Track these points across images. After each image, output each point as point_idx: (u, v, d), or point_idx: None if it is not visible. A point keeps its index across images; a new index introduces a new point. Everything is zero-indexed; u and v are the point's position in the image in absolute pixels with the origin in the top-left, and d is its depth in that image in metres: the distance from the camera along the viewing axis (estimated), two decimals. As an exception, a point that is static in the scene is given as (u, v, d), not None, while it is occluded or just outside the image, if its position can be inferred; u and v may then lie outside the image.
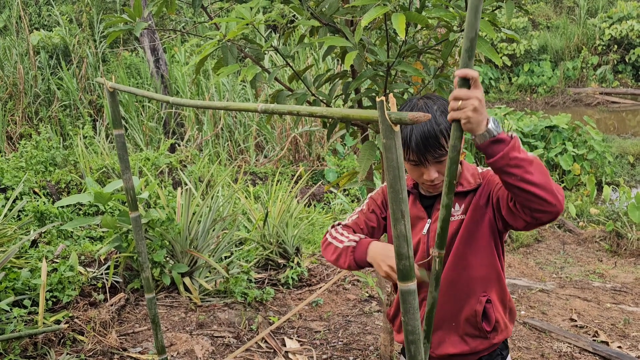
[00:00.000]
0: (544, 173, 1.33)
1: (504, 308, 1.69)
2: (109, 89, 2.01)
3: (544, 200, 1.32)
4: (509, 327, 1.70)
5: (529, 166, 1.29)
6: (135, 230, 2.18)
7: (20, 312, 2.85)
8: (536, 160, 1.32)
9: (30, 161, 5.68)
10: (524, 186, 1.30)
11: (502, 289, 1.67)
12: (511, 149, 1.28)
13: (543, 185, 1.31)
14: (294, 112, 1.24)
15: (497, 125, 1.28)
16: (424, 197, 1.69)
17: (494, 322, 1.65)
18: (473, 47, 1.14)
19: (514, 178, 1.30)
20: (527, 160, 1.30)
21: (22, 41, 10.23)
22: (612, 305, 4.57)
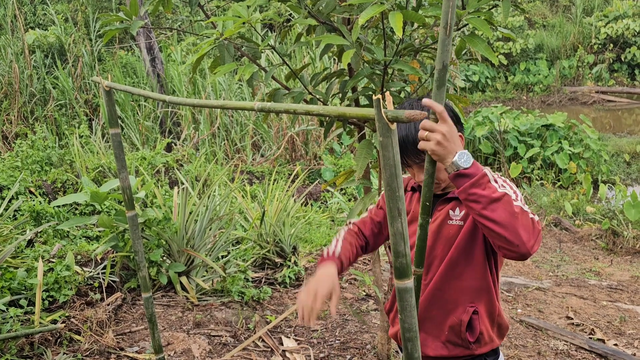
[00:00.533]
0: (510, 212, 1.34)
1: (491, 322, 1.68)
2: (105, 88, 2.01)
3: (504, 239, 1.34)
4: (495, 341, 1.69)
5: (489, 204, 1.33)
6: (131, 229, 2.18)
7: (17, 311, 2.84)
8: (505, 199, 1.34)
9: (26, 161, 5.66)
10: (482, 221, 1.35)
11: (492, 303, 1.66)
12: (472, 185, 1.33)
13: (504, 224, 1.33)
14: (291, 111, 1.24)
15: (465, 159, 1.31)
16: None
17: (478, 333, 1.65)
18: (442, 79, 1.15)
19: (474, 212, 1.36)
20: (488, 198, 1.33)
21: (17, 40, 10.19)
22: (608, 303, 4.58)
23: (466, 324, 1.63)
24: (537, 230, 1.39)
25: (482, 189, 1.34)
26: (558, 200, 8.33)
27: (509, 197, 1.35)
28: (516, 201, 1.39)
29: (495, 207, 1.33)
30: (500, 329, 1.72)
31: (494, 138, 10.22)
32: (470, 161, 1.33)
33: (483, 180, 1.34)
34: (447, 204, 1.64)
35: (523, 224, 1.35)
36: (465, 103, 2.64)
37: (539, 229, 1.40)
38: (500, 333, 1.73)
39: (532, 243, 1.37)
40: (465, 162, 1.32)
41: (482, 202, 1.34)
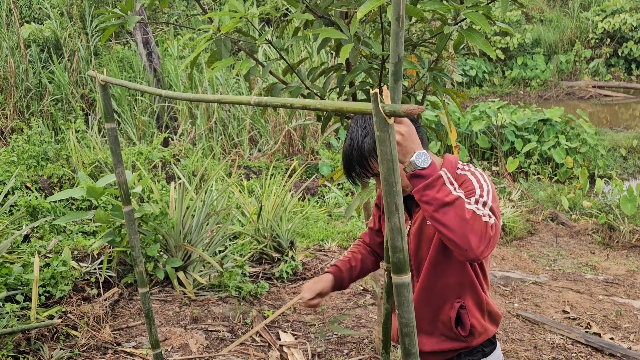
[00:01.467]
0: (461, 217, 1.36)
1: (482, 313, 1.70)
2: (100, 83, 1.99)
3: (453, 242, 1.38)
4: (489, 330, 1.71)
5: (441, 207, 1.35)
6: (128, 224, 2.17)
7: (13, 307, 2.83)
8: (457, 203, 1.36)
9: (22, 156, 5.63)
10: (433, 223, 1.39)
11: (478, 294, 1.68)
12: (426, 186, 1.36)
13: (453, 229, 1.36)
14: (288, 105, 1.23)
15: (423, 159, 1.35)
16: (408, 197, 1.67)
17: (469, 327, 1.67)
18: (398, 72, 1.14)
19: (426, 213, 1.39)
20: (440, 201, 1.35)
21: (12, 34, 10.13)
22: (605, 297, 4.60)
23: (454, 319, 1.66)
24: (488, 235, 1.40)
25: (435, 191, 1.36)
26: (555, 194, 8.35)
27: (461, 202, 1.37)
28: (470, 205, 1.40)
29: (446, 210, 1.35)
30: (492, 317, 1.73)
31: (491, 133, 10.22)
32: (428, 162, 1.36)
33: (437, 183, 1.36)
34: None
35: (473, 229, 1.37)
36: (463, 98, 2.64)
37: (491, 235, 1.41)
38: (493, 320, 1.74)
39: (481, 249, 1.39)
40: (423, 163, 1.35)
41: (434, 204, 1.36)
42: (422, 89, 2.63)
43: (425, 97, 2.68)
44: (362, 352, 3.23)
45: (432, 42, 2.42)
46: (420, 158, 1.35)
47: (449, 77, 2.45)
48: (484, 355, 1.74)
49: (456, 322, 1.67)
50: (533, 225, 7.25)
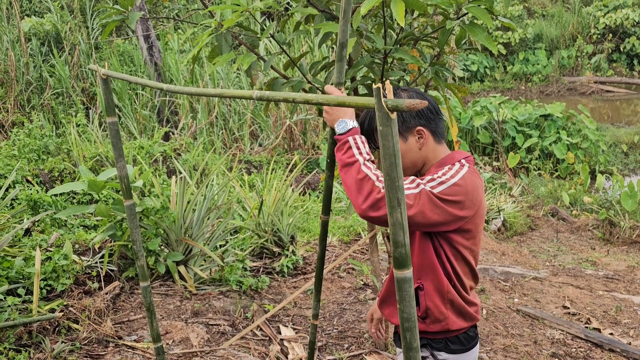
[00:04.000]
0: (354, 177, 1.51)
1: (442, 299, 1.70)
2: (102, 76, 1.99)
3: (350, 198, 1.53)
4: (449, 319, 1.70)
5: (343, 166, 1.54)
6: (129, 218, 2.17)
7: (15, 300, 2.84)
8: (355, 165, 1.52)
9: (23, 149, 5.63)
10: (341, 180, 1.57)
11: (439, 279, 1.68)
12: (337, 149, 1.57)
13: (348, 186, 1.53)
14: (290, 99, 1.23)
15: (342, 126, 1.57)
16: None
17: (425, 309, 1.70)
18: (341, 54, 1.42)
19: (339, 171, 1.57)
20: (343, 161, 1.54)
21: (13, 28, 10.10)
22: (605, 293, 4.61)
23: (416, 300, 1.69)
24: (372, 197, 1.49)
25: (341, 153, 1.56)
26: (555, 190, 8.35)
27: (358, 165, 1.53)
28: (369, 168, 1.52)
29: (346, 170, 1.54)
30: (456, 308, 1.71)
31: (492, 128, 10.21)
32: (346, 128, 1.55)
33: (344, 146, 1.55)
34: None
35: (361, 189, 1.51)
36: (465, 92, 2.63)
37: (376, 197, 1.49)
38: (459, 313, 1.72)
39: (363, 207, 1.50)
40: (341, 129, 1.56)
41: (340, 164, 1.56)
42: (424, 83, 2.62)
43: (427, 91, 2.67)
44: (363, 347, 3.24)
45: (434, 36, 2.42)
46: (340, 125, 1.56)
47: (451, 71, 2.45)
48: (448, 351, 1.73)
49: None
50: (533, 221, 7.25)
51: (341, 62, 1.38)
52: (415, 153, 1.70)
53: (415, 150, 1.69)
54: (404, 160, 1.70)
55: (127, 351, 2.85)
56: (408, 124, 1.67)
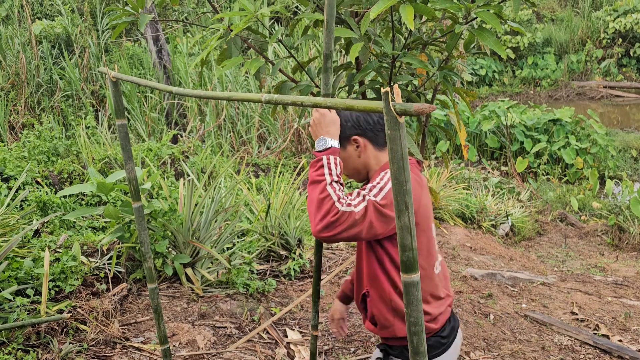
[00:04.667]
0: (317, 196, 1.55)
1: (386, 306, 1.75)
2: (111, 79, 2.01)
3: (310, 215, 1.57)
4: (395, 326, 1.75)
5: (311, 183, 1.59)
6: (137, 220, 2.18)
7: (23, 301, 2.86)
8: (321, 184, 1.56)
9: (33, 151, 5.68)
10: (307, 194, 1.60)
11: (382, 288, 1.74)
12: (311, 165, 1.61)
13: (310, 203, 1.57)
14: (298, 103, 1.23)
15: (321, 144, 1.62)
16: None
17: (371, 315, 1.79)
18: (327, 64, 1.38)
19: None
20: (312, 178, 1.59)
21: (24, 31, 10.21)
22: (613, 299, 4.57)
23: (359, 301, 1.83)
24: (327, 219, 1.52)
25: (313, 170, 1.60)
26: (564, 195, 8.30)
27: (324, 184, 1.56)
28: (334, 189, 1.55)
29: (313, 187, 1.58)
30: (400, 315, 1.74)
31: (500, 132, 10.17)
32: (324, 147, 1.60)
33: (317, 164, 1.60)
34: None
35: (319, 208, 1.54)
36: (473, 97, 2.63)
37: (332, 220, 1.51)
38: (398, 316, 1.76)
39: (318, 228, 1.53)
40: (319, 147, 1.61)
41: (309, 180, 1.60)
42: (432, 87, 2.62)
43: (435, 96, 2.67)
44: (369, 351, 3.23)
45: (442, 41, 2.42)
46: (319, 143, 1.61)
47: (459, 76, 2.44)
48: (403, 358, 1.77)
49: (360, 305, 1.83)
50: (542, 226, 7.21)
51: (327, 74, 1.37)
52: (355, 160, 1.78)
53: (354, 158, 1.78)
54: (347, 167, 1.80)
55: (134, 353, 2.86)
56: (344, 134, 1.74)
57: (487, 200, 7.18)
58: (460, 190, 7.04)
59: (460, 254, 5.47)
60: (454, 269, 5.01)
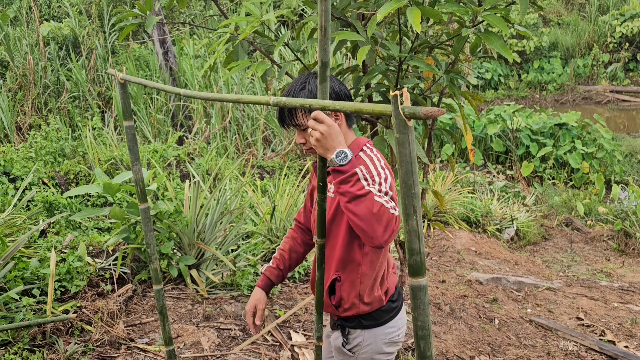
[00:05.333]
0: (370, 209, 1.51)
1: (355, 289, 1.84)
2: (119, 80, 2.02)
3: (362, 230, 1.53)
4: (359, 306, 1.85)
5: (354, 199, 1.51)
6: (144, 221, 2.19)
7: (29, 301, 2.87)
8: (368, 197, 1.51)
9: (40, 152, 5.71)
10: (347, 213, 1.54)
11: (356, 274, 1.82)
12: (342, 181, 1.51)
13: (363, 219, 1.51)
14: (306, 105, 1.23)
15: (342, 157, 1.50)
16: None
17: (339, 299, 1.85)
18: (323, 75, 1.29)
19: (342, 203, 1.55)
20: (352, 194, 1.51)
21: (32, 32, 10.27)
22: (620, 305, 4.54)
23: (327, 288, 1.85)
24: (391, 227, 1.53)
25: (349, 186, 1.51)
26: (570, 200, 8.26)
27: (372, 195, 1.52)
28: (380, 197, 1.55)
29: (358, 202, 1.51)
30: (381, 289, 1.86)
31: (506, 136, 10.15)
32: (347, 159, 1.51)
33: (352, 178, 1.51)
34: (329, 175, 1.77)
35: (380, 221, 1.52)
36: (479, 100, 2.62)
37: (394, 227, 1.54)
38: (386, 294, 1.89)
39: (385, 238, 1.53)
40: (342, 160, 1.50)
41: (348, 197, 1.52)
42: (439, 91, 2.62)
43: (442, 99, 2.67)
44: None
45: (449, 44, 2.42)
46: (340, 156, 1.50)
47: (465, 79, 2.44)
48: (361, 327, 1.89)
49: (329, 291, 1.86)
50: (547, 231, 7.18)
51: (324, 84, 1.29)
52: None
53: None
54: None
55: (139, 354, 2.87)
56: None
57: (492, 204, 7.16)
58: (466, 194, 7.02)
59: (465, 258, 5.45)
60: (458, 273, 4.99)
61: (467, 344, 3.58)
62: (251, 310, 2.03)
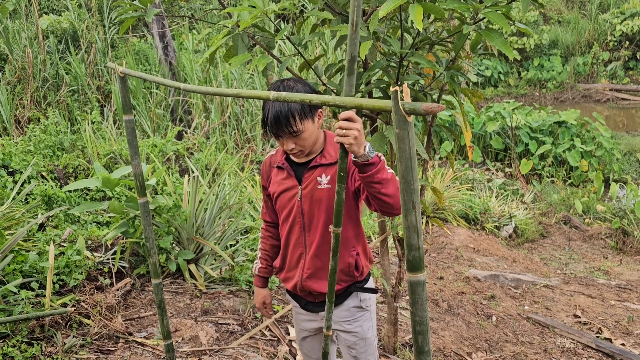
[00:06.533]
0: (397, 188, 1.70)
1: (366, 257, 2.08)
2: (119, 74, 2.01)
3: (392, 206, 1.73)
4: (368, 267, 2.12)
5: (386, 183, 1.69)
6: (143, 215, 2.19)
7: (28, 294, 2.87)
8: (393, 177, 1.72)
9: (39, 145, 5.70)
10: (380, 196, 1.71)
11: (364, 242, 2.07)
12: (377, 171, 1.66)
13: (393, 196, 1.71)
14: (307, 101, 1.23)
15: (372, 150, 1.63)
16: (296, 166, 1.99)
17: (362, 268, 2.05)
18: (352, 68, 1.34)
19: (374, 190, 1.69)
20: (386, 179, 1.69)
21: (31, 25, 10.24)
22: (617, 303, 4.56)
23: (354, 265, 2.01)
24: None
25: (383, 174, 1.67)
26: (568, 198, 8.28)
27: (394, 175, 1.73)
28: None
29: (389, 185, 1.69)
30: (369, 257, 2.11)
31: (505, 134, 10.15)
32: (374, 151, 1.64)
33: (383, 166, 1.68)
34: (314, 171, 1.94)
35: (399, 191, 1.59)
36: (479, 97, 2.62)
37: None
38: (371, 261, 2.13)
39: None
40: (372, 153, 1.62)
41: (383, 183, 1.68)
42: (439, 87, 2.62)
43: (442, 96, 2.67)
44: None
45: (450, 41, 2.42)
46: (371, 149, 1.62)
47: (466, 76, 2.44)
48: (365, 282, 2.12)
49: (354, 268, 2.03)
50: (545, 228, 7.20)
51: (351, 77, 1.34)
52: (315, 132, 1.91)
53: (316, 130, 1.91)
54: (310, 140, 1.89)
55: (137, 347, 2.87)
56: (313, 108, 1.86)
57: (490, 202, 7.17)
58: (464, 191, 7.03)
59: (463, 255, 5.46)
60: (456, 270, 5.00)
61: (464, 340, 3.59)
62: (261, 305, 2.31)
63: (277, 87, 1.86)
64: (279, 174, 2.04)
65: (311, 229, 1.99)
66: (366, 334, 2.15)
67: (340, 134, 1.52)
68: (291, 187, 1.99)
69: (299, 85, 1.87)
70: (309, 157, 1.96)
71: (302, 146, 1.88)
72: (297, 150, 1.89)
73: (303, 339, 2.26)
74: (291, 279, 2.10)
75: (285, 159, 2.02)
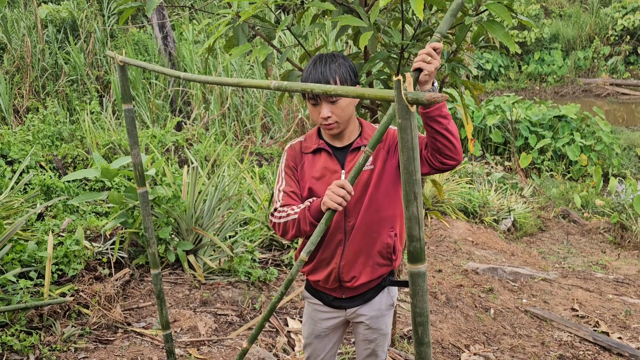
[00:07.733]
0: (456, 128, 1.70)
1: (401, 241, 2.01)
2: (119, 63, 2.00)
3: (455, 147, 1.69)
4: (401, 253, 2.05)
5: (450, 119, 1.67)
6: (142, 206, 2.19)
7: (27, 283, 2.87)
8: (450, 116, 1.69)
9: (37, 135, 5.68)
10: (445, 133, 1.65)
11: (402, 223, 1.96)
12: (443, 105, 1.64)
13: (456, 136, 1.69)
14: (308, 90, 1.22)
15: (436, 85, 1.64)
16: (336, 150, 1.91)
17: (398, 251, 1.98)
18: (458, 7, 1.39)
19: (441, 126, 1.65)
20: (449, 116, 1.67)
21: (30, 14, 10.18)
22: (614, 297, 4.57)
23: (392, 246, 1.94)
24: None
25: (446, 109, 1.66)
26: (567, 192, 8.28)
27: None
28: None
29: (452, 123, 1.67)
30: (402, 243, 2.04)
31: (505, 127, 10.14)
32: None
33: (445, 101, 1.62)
34: (357, 153, 1.88)
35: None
36: (480, 90, 2.61)
37: None
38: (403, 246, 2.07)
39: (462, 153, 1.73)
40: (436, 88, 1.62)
41: (449, 117, 1.65)
42: (440, 80, 2.61)
43: (442, 88, 2.65)
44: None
45: (451, 32, 2.40)
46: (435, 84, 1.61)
47: (467, 68, 2.43)
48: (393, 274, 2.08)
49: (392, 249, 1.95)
50: (544, 222, 7.21)
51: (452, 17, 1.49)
52: (353, 108, 1.87)
53: (353, 107, 1.87)
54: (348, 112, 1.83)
55: (136, 337, 2.88)
56: (353, 80, 1.84)
57: (489, 195, 7.17)
58: (464, 185, 7.03)
59: (462, 248, 5.47)
60: (455, 263, 5.01)
61: (462, 333, 3.60)
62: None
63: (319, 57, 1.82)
64: (315, 160, 1.91)
65: (352, 214, 1.89)
66: (388, 329, 2.09)
67: (426, 60, 1.49)
68: (334, 170, 1.88)
69: (340, 59, 1.82)
70: (343, 140, 1.89)
71: (339, 116, 1.80)
72: (332, 122, 1.80)
73: (317, 337, 2.12)
74: (323, 269, 1.95)
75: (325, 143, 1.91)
